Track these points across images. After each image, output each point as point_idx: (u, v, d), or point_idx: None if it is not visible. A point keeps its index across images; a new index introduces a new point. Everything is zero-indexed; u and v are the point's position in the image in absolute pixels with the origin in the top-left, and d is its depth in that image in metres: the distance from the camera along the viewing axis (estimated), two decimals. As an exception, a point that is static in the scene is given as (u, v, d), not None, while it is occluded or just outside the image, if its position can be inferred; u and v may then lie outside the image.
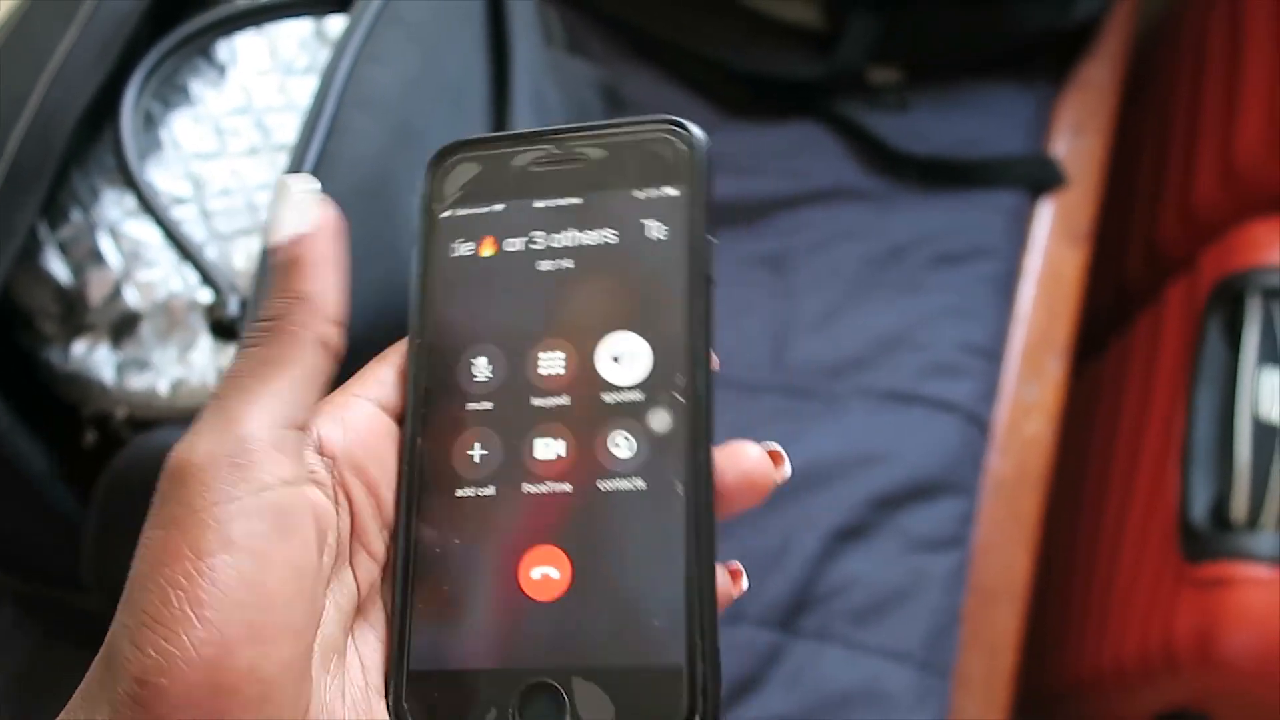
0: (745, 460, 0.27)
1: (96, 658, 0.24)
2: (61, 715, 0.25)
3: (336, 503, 0.26)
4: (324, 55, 0.53)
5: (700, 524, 0.26)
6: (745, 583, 0.27)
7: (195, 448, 0.24)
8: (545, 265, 0.29)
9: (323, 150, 0.44)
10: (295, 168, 0.44)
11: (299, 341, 0.25)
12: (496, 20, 0.55)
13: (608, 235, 0.29)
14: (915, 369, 0.71)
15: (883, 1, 0.78)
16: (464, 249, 0.29)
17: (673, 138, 0.29)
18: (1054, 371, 0.74)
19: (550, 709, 0.26)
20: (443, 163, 0.30)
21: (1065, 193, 0.79)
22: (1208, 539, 0.64)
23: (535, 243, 0.29)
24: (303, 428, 0.25)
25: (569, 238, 0.29)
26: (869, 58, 0.80)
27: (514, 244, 0.29)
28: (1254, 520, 0.64)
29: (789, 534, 0.65)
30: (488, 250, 0.29)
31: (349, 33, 0.47)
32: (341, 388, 0.28)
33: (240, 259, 0.48)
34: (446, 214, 0.30)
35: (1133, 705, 0.74)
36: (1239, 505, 0.64)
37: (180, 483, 0.24)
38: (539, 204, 0.29)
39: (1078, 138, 0.82)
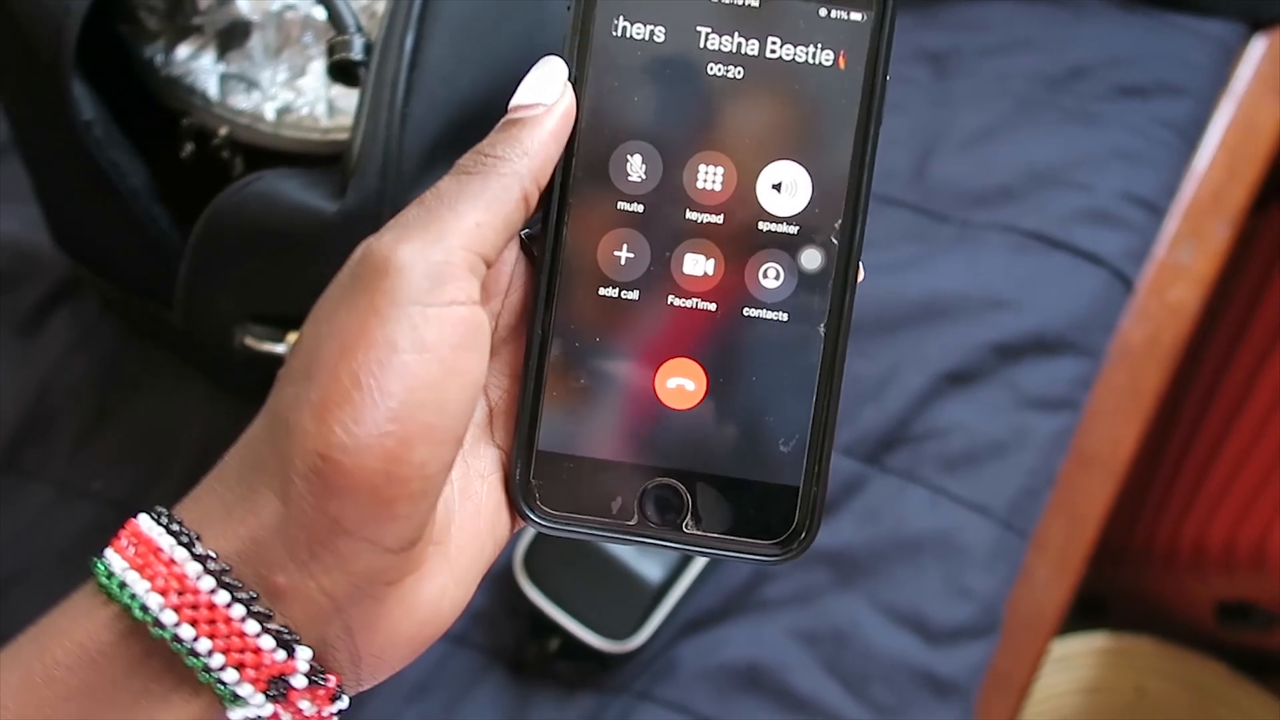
0: None
1: (250, 432, 0.25)
2: (208, 484, 0.25)
3: None
4: None
5: (835, 365, 0.28)
6: (862, 272, 0.28)
7: (400, 245, 0.24)
8: (715, 69, 0.27)
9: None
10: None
11: (510, 189, 0.26)
12: None
13: (783, 50, 0.27)
14: (1068, 211, 0.64)
15: None
16: (628, 31, 0.27)
17: None
18: (1218, 237, 0.67)
19: (672, 506, 0.28)
20: None
21: (1287, 33, 0.69)
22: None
23: (706, 41, 0.27)
24: (490, 265, 0.26)
25: (742, 44, 0.27)
26: None
27: (683, 37, 0.27)
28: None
29: (896, 366, 0.61)
30: (655, 38, 0.27)
31: None
32: None
33: (364, -9, 0.43)
34: None
35: (1200, 588, 0.72)
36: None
37: (382, 274, 0.24)
38: None
39: (1320, -30, 0.70)
